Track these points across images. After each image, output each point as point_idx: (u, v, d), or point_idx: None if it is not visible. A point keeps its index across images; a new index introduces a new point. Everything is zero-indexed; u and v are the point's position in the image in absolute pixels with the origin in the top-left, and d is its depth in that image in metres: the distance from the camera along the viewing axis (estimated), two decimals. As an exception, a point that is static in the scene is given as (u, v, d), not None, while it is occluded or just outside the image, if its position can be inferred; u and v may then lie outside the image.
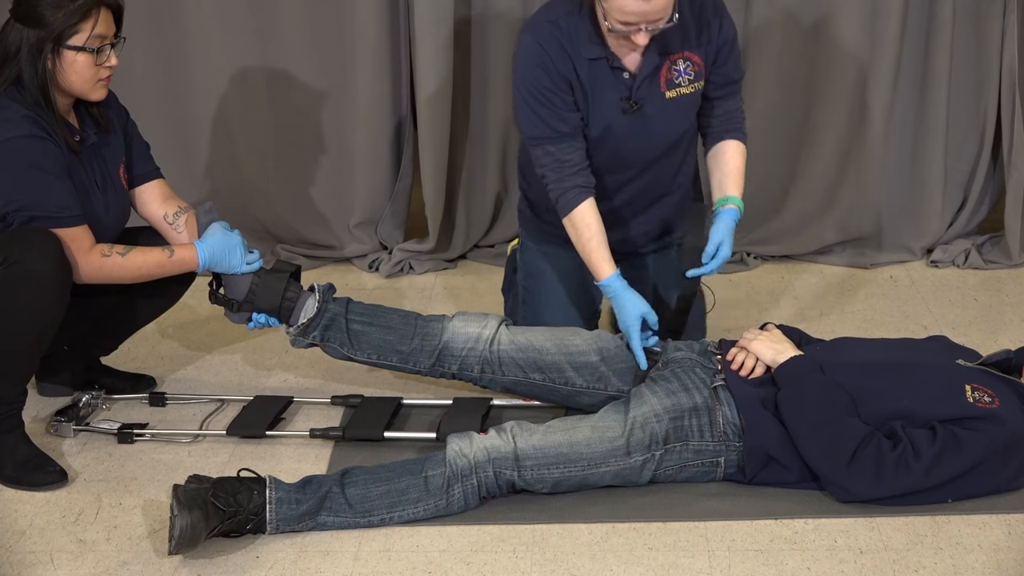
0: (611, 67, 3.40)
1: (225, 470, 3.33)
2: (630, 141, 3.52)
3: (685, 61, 3.45)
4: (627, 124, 3.48)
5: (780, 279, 4.73)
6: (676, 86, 3.47)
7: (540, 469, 3.12)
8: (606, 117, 3.46)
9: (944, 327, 4.25)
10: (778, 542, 3.04)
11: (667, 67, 3.44)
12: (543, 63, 3.38)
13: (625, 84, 3.42)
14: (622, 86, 3.43)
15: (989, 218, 4.95)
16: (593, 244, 3.46)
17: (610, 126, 3.48)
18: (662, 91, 3.46)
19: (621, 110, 3.45)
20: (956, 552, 2.99)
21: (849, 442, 3.07)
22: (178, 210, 3.55)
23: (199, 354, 4.10)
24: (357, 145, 4.74)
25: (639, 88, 3.43)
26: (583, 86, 3.42)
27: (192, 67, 4.62)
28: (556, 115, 3.42)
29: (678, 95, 3.48)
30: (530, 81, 3.40)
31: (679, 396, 3.24)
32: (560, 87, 3.40)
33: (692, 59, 3.45)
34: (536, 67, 3.38)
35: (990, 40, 4.58)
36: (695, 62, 3.46)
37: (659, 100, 3.47)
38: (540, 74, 3.39)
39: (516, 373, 3.50)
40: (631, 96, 3.44)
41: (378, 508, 3.08)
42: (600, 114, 3.46)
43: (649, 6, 3.14)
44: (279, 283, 3.47)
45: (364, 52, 4.55)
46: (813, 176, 4.78)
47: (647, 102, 3.46)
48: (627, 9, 3.15)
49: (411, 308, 3.66)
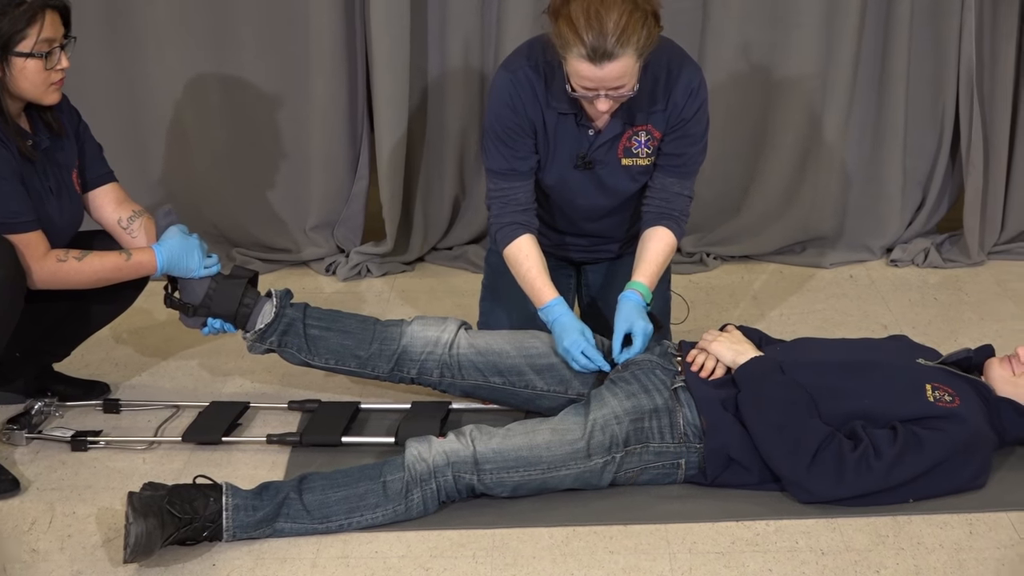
0: (578, 123, 3.42)
1: (181, 477, 3.31)
2: (581, 194, 3.57)
3: (647, 134, 3.45)
4: (580, 179, 3.52)
5: (740, 279, 4.75)
6: (633, 156, 3.48)
7: (500, 473, 3.13)
8: (561, 169, 3.50)
9: (904, 326, 4.28)
10: (739, 544, 3.05)
11: (628, 136, 3.45)
12: (514, 104, 3.39)
13: (587, 140, 3.44)
14: (584, 142, 3.45)
15: (948, 217, 4.99)
16: (533, 273, 3.49)
17: (564, 178, 3.52)
18: (618, 157, 3.48)
19: (573, 165, 3.48)
20: (918, 552, 3.01)
21: (810, 442, 3.09)
22: (132, 214, 3.53)
23: (154, 360, 4.08)
24: (313, 147, 4.73)
25: (597, 149, 3.45)
26: (547, 135, 3.44)
27: (145, 69, 4.59)
28: (515, 155, 3.46)
29: (633, 164, 3.50)
30: (499, 118, 3.43)
31: (639, 398, 3.25)
32: (525, 130, 3.43)
33: (653, 133, 3.46)
34: (506, 106, 3.40)
35: (948, 38, 4.61)
36: (655, 136, 3.46)
37: (614, 164, 3.50)
38: (509, 114, 3.41)
39: (475, 377, 3.50)
40: (586, 155, 3.46)
41: (336, 514, 3.07)
42: (556, 165, 3.50)
43: (603, 72, 3.12)
44: (236, 288, 3.47)
45: (319, 53, 4.55)
46: (772, 176, 4.81)
47: (601, 164, 3.49)
48: (583, 73, 3.14)
49: (369, 312, 3.67)
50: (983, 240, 4.85)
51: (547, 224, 3.69)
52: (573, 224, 3.71)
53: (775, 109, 4.72)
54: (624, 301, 3.46)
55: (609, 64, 3.10)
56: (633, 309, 3.44)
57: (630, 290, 3.47)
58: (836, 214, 4.88)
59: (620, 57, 3.10)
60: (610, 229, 3.73)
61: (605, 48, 3.07)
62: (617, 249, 3.82)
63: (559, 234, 3.76)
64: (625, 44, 3.08)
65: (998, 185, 4.80)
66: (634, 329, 3.42)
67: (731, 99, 4.64)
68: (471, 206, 4.88)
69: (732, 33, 4.56)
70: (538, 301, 3.49)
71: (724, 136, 4.61)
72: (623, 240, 3.78)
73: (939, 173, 4.85)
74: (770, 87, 4.69)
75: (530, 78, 3.38)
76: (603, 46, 3.07)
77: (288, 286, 3.60)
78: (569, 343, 3.41)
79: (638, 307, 3.45)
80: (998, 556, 2.99)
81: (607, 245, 3.80)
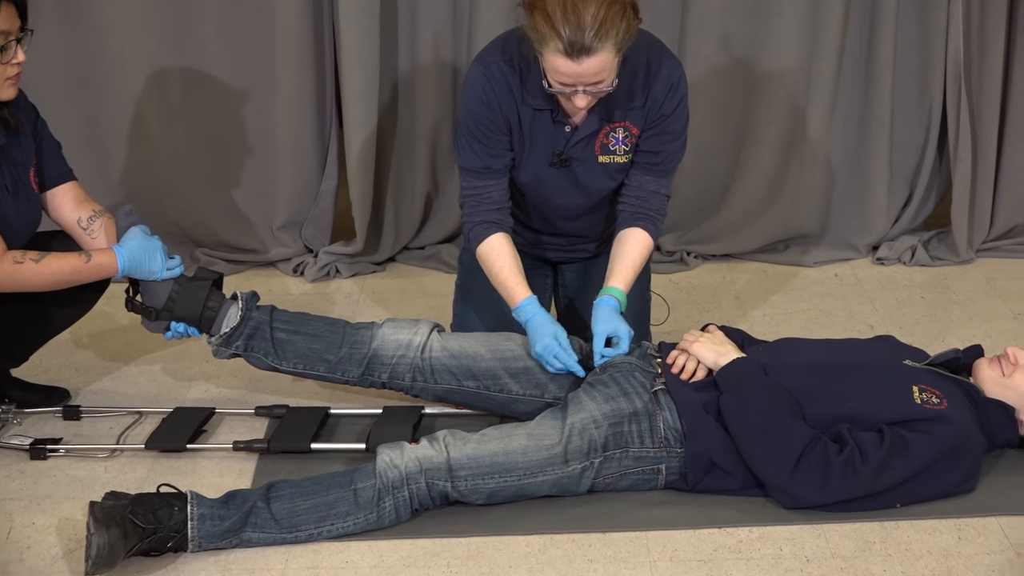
0: (554, 120, 3.41)
1: (144, 486, 3.30)
2: (558, 193, 3.57)
3: (625, 131, 3.45)
4: (556, 177, 3.52)
5: (722, 279, 4.76)
6: (611, 153, 3.48)
7: (475, 479, 3.12)
8: (537, 166, 3.50)
9: (891, 326, 4.29)
10: (722, 551, 3.05)
11: (605, 132, 3.44)
12: (488, 100, 3.38)
13: (563, 137, 3.44)
14: (560, 139, 3.44)
15: (936, 213, 5.01)
16: (506, 272, 3.48)
17: (540, 176, 3.52)
18: (595, 154, 3.48)
19: (549, 163, 3.48)
20: (906, 559, 3.01)
21: (794, 446, 3.09)
22: (92, 214, 3.52)
23: (116, 364, 4.06)
24: (280, 144, 4.72)
25: (574, 146, 3.45)
26: (523, 131, 3.44)
27: (106, 63, 4.57)
28: (490, 152, 3.45)
29: (610, 161, 3.50)
30: (472, 115, 3.42)
31: (618, 401, 3.25)
32: (500, 127, 3.42)
33: (631, 130, 3.45)
34: (480, 102, 3.39)
35: (935, 30, 4.62)
36: (633, 133, 3.46)
37: (590, 161, 3.49)
38: (483, 110, 3.40)
39: (449, 381, 3.49)
40: (562, 152, 3.46)
41: (305, 523, 3.07)
42: (532, 162, 3.50)
43: (581, 67, 3.10)
44: (201, 291, 3.46)
45: (286, 47, 4.53)
46: (754, 172, 4.82)
47: (578, 161, 3.49)
48: (560, 69, 3.13)
49: (338, 314, 3.66)
50: (971, 237, 4.87)
51: (523, 223, 3.69)
52: (549, 223, 3.70)
53: (757, 104, 4.72)
54: (600, 306, 3.46)
55: (587, 59, 3.09)
56: (611, 314, 3.44)
57: (606, 295, 3.47)
58: (820, 211, 4.89)
59: (599, 52, 3.08)
60: (587, 228, 3.73)
61: (583, 42, 3.06)
62: (594, 248, 3.82)
63: (535, 233, 3.75)
64: (604, 38, 3.07)
65: (987, 181, 4.82)
66: (618, 332, 3.43)
67: (712, 94, 4.65)
68: (443, 204, 4.88)
69: (712, 25, 4.57)
70: (511, 301, 3.48)
71: (705, 132, 4.62)
72: (600, 239, 3.78)
73: (926, 168, 4.87)
74: (752, 81, 4.69)
75: (504, 73, 3.37)
76: (581, 40, 3.05)
77: (254, 288, 3.60)
78: (541, 348, 3.41)
79: (615, 312, 3.45)
80: (988, 562, 3.00)
81: (583, 244, 3.80)
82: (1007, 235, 4.97)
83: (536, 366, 3.48)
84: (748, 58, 4.65)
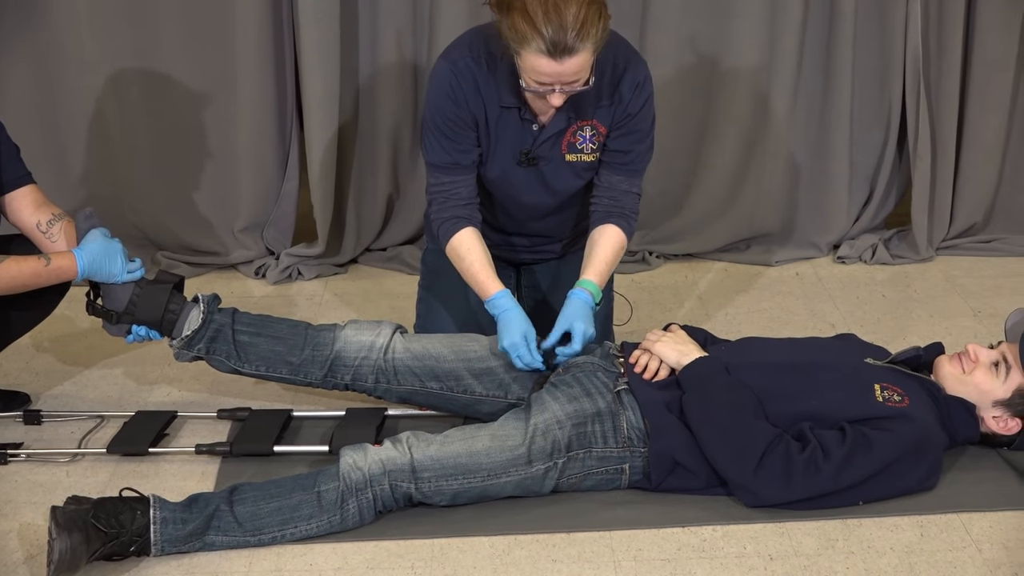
0: (521, 118, 3.42)
1: (106, 490, 3.29)
2: (525, 192, 3.58)
3: (592, 129, 3.46)
4: (523, 175, 3.52)
5: (684, 278, 4.77)
6: (578, 151, 3.49)
7: (438, 481, 3.12)
8: (503, 164, 3.50)
9: (852, 324, 4.31)
10: (686, 550, 3.06)
11: (572, 131, 3.45)
12: (455, 96, 3.38)
13: (531, 136, 3.44)
14: (527, 137, 3.45)
15: (896, 212, 5.04)
16: (477, 266, 3.48)
17: (506, 173, 3.52)
18: (562, 152, 3.49)
19: (516, 162, 3.49)
20: (868, 556, 3.03)
21: (757, 445, 3.11)
22: (52, 217, 3.50)
23: (76, 368, 4.05)
24: (241, 146, 4.71)
25: (541, 145, 3.46)
26: (489, 128, 3.44)
27: (64, 65, 4.55)
28: (457, 148, 3.45)
29: (578, 160, 3.51)
30: (439, 110, 3.41)
31: (581, 401, 3.26)
32: (467, 122, 3.42)
33: (599, 128, 3.47)
34: (447, 98, 3.39)
35: (894, 29, 4.65)
36: (600, 132, 3.47)
37: (558, 160, 3.50)
38: (450, 106, 3.39)
39: (412, 382, 3.50)
40: (530, 151, 3.47)
41: (269, 526, 3.06)
42: (499, 160, 3.50)
43: (563, 67, 3.12)
44: (162, 294, 3.45)
45: (246, 48, 4.52)
46: (716, 171, 4.83)
47: (545, 160, 3.49)
48: (540, 69, 3.13)
49: (301, 316, 3.65)
50: (931, 235, 4.90)
51: (490, 224, 3.69)
52: (516, 223, 3.71)
53: (718, 103, 4.74)
54: (572, 299, 3.47)
55: (569, 59, 3.10)
56: (579, 309, 3.45)
57: (580, 288, 3.48)
58: (781, 210, 4.91)
59: (580, 52, 3.10)
60: (554, 228, 3.74)
61: (565, 43, 3.07)
62: (560, 249, 3.83)
63: (502, 234, 3.76)
64: (585, 38, 3.09)
65: (946, 179, 4.85)
66: (574, 329, 3.43)
67: (672, 93, 4.66)
68: (405, 206, 4.87)
69: (672, 25, 4.58)
70: (484, 294, 3.48)
71: (666, 131, 4.61)
72: (567, 239, 3.79)
73: (886, 167, 4.90)
74: (712, 81, 4.71)
75: (472, 69, 3.37)
76: (563, 40, 3.06)
77: (216, 290, 3.59)
78: (508, 344, 3.41)
79: (584, 307, 3.46)
80: (950, 559, 3.02)
81: (550, 245, 3.81)
82: (966, 233, 5.01)
83: (499, 367, 3.48)
84: (708, 57, 4.66)
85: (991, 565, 3.00)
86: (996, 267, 4.86)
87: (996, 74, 4.73)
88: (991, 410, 3.32)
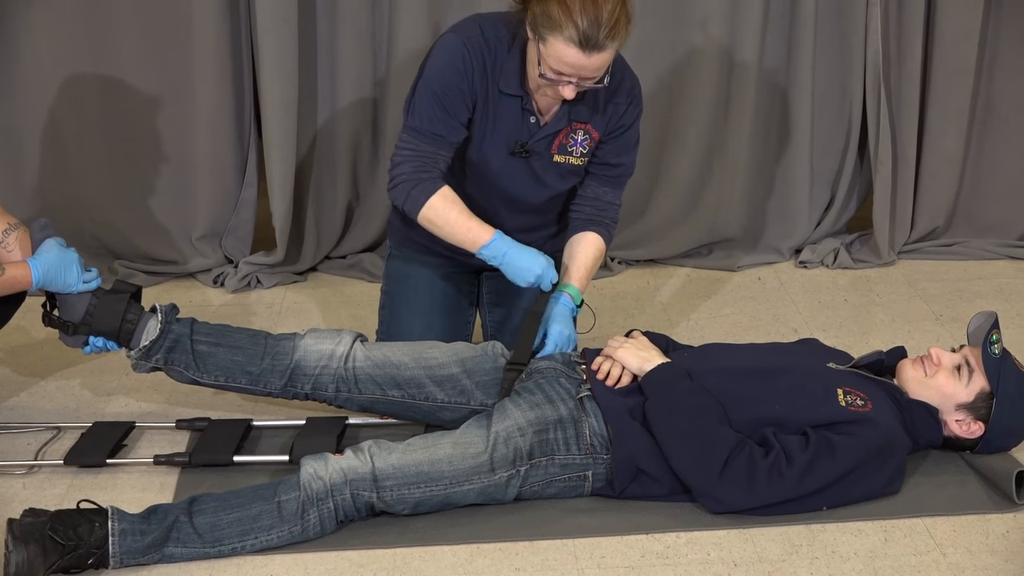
0: (523, 108, 3.43)
1: (64, 502, 3.27)
2: (511, 183, 3.57)
3: (585, 133, 3.48)
4: (513, 165, 3.53)
5: (645, 284, 4.78)
6: (567, 153, 3.52)
7: (400, 489, 3.12)
8: (495, 151, 3.50)
9: (814, 329, 4.33)
10: (649, 557, 3.07)
11: (566, 132, 3.47)
12: (463, 67, 3.37)
13: (528, 129, 3.45)
14: (524, 129, 3.46)
15: (857, 216, 5.07)
16: (465, 216, 3.46)
17: (496, 160, 3.52)
18: (552, 152, 3.51)
19: (510, 151, 3.49)
20: (832, 561, 3.04)
21: (720, 451, 3.11)
22: (7, 227, 3.47)
23: (32, 379, 4.02)
24: (198, 153, 4.68)
25: (539, 140, 3.48)
26: (487, 111, 3.44)
27: (18, 72, 4.51)
28: (448, 121, 3.43)
29: (565, 161, 3.53)
30: (441, 77, 3.39)
31: (543, 408, 3.26)
32: (465, 98, 3.41)
33: (592, 133, 3.48)
34: (452, 69, 3.38)
35: (854, 34, 4.68)
36: (593, 137, 3.50)
37: (546, 159, 3.52)
38: (454, 77, 3.38)
39: (373, 390, 3.48)
40: (527, 143, 3.48)
41: (229, 537, 3.05)
42: (491, 145, 3.49)
43: (588, 61, 3.15)
44: (119, 304, 3.43)
45: (203, 54, 4.50)
46: (676, 176, 4.84)
47: (535, 156, 3.51)
48: (565, 58, 3.15)
49: (260, 325, 3.64)
50: (893, 239, 4.93)
51: None
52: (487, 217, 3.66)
53: (678, 109, 4.75)
54: (553, 303, 3.52)
55: (597, 54, 3.15)
56: (560, 313, 3.51)
57: (562, 293, 3.53)
58: (743, 215, 4.93)
59: (607, 49, 3.16)
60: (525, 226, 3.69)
61: (597, 38, 3.12)
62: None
63: None
64: (615, 37, 3.16)
65: (907, 183, 4.88)
66: (557, 333, 3.48)
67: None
68: (365, 213, 4.86)
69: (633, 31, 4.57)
70: (478, 241, 3.46)
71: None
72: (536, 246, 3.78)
73: (847, 171, 4.92)
74: (672, 86, 4.72)
75: (482, 49, 3.37)
76: (595, 35, 3.12)
77: (174, 299, 3.58)
78: (541, 271, 3.45)
79: (565, 311, 3.52)
80: (914, 563, 3.04)
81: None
82: (928, 237, 5.03)
83: (460, 373, 3.47)
84: (668, 62, 4.67)
85: (955, 569, 3.02)
86: (957, 271, 4.89)
87: (956, 80, 4.76)
88: (954, 413, 3.34)
